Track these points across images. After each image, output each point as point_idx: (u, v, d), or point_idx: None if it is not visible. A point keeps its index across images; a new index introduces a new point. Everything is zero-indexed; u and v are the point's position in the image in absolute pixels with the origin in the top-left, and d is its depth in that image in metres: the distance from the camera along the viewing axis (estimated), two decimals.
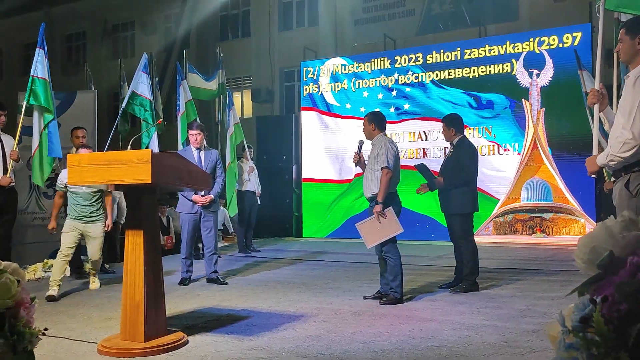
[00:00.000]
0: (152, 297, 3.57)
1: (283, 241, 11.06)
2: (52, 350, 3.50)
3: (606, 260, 1.05)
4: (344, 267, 7.23)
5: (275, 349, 3.44)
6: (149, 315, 3.51)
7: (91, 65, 12.35)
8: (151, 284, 3.57)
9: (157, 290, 3.64)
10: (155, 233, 3.84)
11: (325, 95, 11.73)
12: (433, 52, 10.80)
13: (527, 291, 5.15)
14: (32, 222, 7.97)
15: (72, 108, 8.42)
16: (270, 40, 16.84)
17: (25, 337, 1.57)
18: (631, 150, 2.86)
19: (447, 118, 5.58)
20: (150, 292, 3.55)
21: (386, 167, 4.73)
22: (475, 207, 5.35)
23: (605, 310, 0.96)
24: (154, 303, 3.58)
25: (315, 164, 11.71)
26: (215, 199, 6.05)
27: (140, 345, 3.40)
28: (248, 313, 4.45)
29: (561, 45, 9.58)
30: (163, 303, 3.72)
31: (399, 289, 4.75)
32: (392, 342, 3.51)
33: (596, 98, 3.30)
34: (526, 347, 3.31)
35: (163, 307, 3.71)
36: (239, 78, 17.56)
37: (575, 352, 0.99)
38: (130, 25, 19.90)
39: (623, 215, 1.11)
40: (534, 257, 7.60)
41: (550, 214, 9.54)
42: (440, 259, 7.71)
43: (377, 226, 4.69)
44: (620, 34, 3.14)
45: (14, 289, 1.56)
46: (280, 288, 5.67)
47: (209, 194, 5.90)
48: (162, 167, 3.45)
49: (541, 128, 9.68)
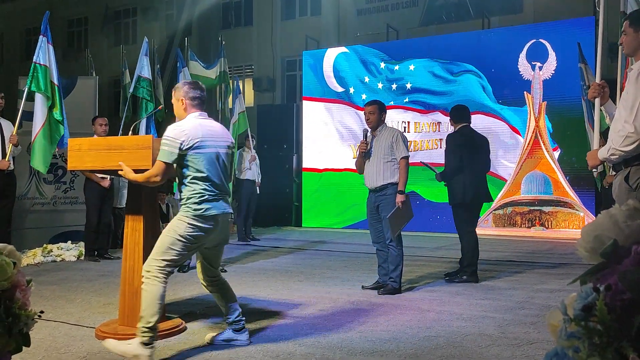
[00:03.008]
0: None
1: (282, 230, 11.07)
2: (50, 334, 3.50)
3: (610, 248, 1.04)
4: (343, 256, 7.23)
5: (272, 336, 3.44)
6: None
7: (92, 51, 12.29)
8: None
9: None
10: (155, 219, 3.83)
11: (327, 83, 11.67)
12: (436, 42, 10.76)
13: (525, 283, 5.15)
14: (32, 207, 7.96)
15: (73, 94, 8.39)
16: (273, 29, 16.76)
17: (21, 320, 1.56)
18: (633, 144, 2.84)
19: (450, 110, 5.61)
20: None
21: (406, 157, 4.76)
22: (466, 198, 5.26)
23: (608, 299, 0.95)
24: None
25: (315, 154, 11.69)
26: None
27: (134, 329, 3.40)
28: (246, 301, 4.45)
29: (564, 38, 9.53)
30: None
31: (398, 279, 4.75)
32: (390, 332, 3.51)
33: (597, 92, 3.28)
34: (523, 339, 3.32)
35: None
36: (241, 66, 17.48)
37: (577, 341, 0.97)
38: (132, 12, 19.80)
39: (628, 204, 1.09)
40: (532, 250, 7.60)
41: (549, 207, 9.54)
42: (439, 250, 7.72)
43: (400, 215, 4.71)
44: (624, 26, 3.10)
45: (10, 271, 1.55)
46: (279, 277, 5.67)
47: None
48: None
49: (542, 121, 9.65)
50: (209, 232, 3.09)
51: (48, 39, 6.42)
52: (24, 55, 20.54)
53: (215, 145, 3.16)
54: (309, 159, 11.78)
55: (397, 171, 4.75)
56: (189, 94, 3.21)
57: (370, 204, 4.93)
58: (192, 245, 3.06)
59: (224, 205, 3.17)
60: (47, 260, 6.74)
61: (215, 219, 3.09)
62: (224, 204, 3.17)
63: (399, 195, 4.70)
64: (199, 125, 3.14)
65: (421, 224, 9.57)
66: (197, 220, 3.04)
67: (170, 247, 3.01)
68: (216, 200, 3.12)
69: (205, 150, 3.10)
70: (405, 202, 4.72)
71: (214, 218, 3.09)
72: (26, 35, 21.31)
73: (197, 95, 3.23)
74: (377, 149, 4.85)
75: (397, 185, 4.73)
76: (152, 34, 14.64)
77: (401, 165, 4.76)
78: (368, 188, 4.93)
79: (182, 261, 3.17)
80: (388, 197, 4.75)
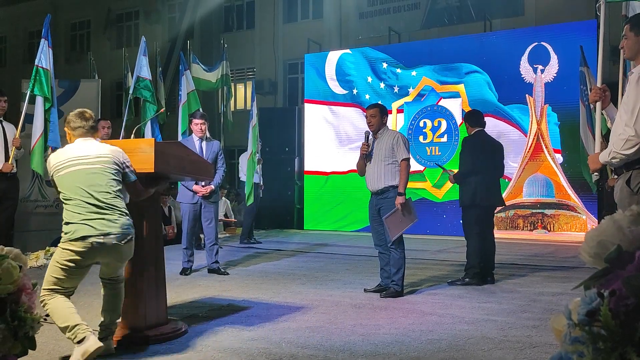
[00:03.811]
0: (154, 286, 3.58)
1: (284, 233, 11.07)
2: (53, 337, 3.50)
3: (614, 254, 1.04)
4: (345, 259, 7.23)
5: (275, 339, 3.44)
6: (150, 303, 3.52)
7: (95, 54, 12.32)
8: (153, 272, 3.58)
9: (158, 279, 3.65)
10: (157, 222, 3.84)
11: (329, 86, 11.67)
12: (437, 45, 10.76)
13: (528, 287, 5.15)
14: (35, 209, 7.98)
15: (75, 97, 8.41)
16: (275, 32, 16.79)
17: (27, 323, 1.57)
18: (634, 147, 2.84)
19: (465, 114, 5.68)
20: (151, 281, 3.56)
21: (407, 159, 4.78)
22: (484, 200, 5.31)
23: (612, 305, 0.95)
24: (155, 292, 3.59)
25: (317, 157, 11.69)
26: (216, 189, 6.05)
27: (140, 333, 3.41)
28: (248, 304, 4.46)
29: (566, 41, 9.53)
30: (164, 292, 3.73)
31: (400, 282, 4.75)
32: (392, 335, 3.51)
33: (598, 95, 3.28)
34: (526, 342, 3.31)
35: (164, 296, 3.72)
36: (243, 69, 17.52)
37: (581, 346, 0.98)
38: (134, 15, 19.86)
39: (631, 210, 1.10)
40: (534, 253, 7.59)
41: (552, 210, 9.53)
42: (441, 253, 7.71)
43: (399, 217, 4.71)
44: (625, 30, 3.11)
45: (16, 275, 1.56)
46: (281, 279, 5.67)
47: (209, 185, 5.89)
48: (165, 156, 3.45)
49: (544, 124, 9.65)
50: (86, 255, 3.01)
51: (49, 42, 6.45)
52: (27, 58, 20.59)
53: (80, 163, 3.12)
54: (311, 161, 11.79)
55: (398, 173, 4.77)
56: (69, 124, 3.29)
57: (372, 206, 4.94)
58: (71, 269, 3.02)
59: (102, 225, 3.03)
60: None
61: (86, 241, 2.98)
62: (103, 223, 3.04)
63: (398, 197, 4.71)
64: (67, 150, 3.21)
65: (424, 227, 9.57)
66: (68, 244, 3.00)
67: (51, 275, 3.02)
68: (91, 221, 3.02)
69: (66, 171, 3.10)
70: (406, 204, 4.72)
71: (84, 240, 2.98)
72: (29, 38, 21.37)
73: (79, 125, 3.27)
74: (378, 151, 4.86)
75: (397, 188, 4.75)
76: (155, 37, 14.69)
77: (402, 167, 4.77)
78: (370, 191, 4.95)
79: (72, 284, 3.09)
80: (389, 200, 4.75)
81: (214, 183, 5.93)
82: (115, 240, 3.05)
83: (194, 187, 5.89)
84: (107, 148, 3.24)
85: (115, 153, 3.23)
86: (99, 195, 3.08)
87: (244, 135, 10.19)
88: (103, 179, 3.12)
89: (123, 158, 3.24)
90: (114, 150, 3.24)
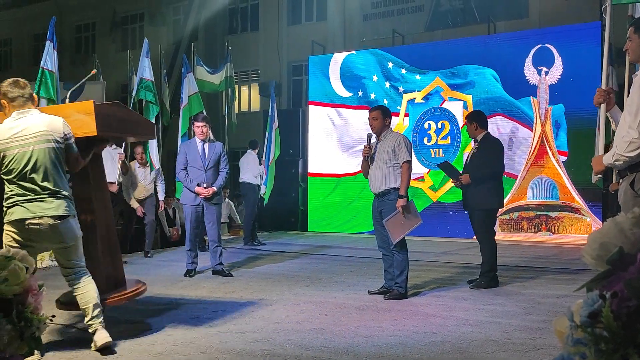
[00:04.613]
0: (107, 251, 3.69)
1: (288, 235, 11.08)
2: (58, 338, 3.52)
3: (616, 256, 1.05)
4: (349, 261, 7.24)
5: (278, 341, 3.45)
6: (106, 267, 3.66)
7: (100, 56, 12.37)
8: (105, 237, 3.68)
9: (111, 243, 3.76)
10: (103, 186, 3.85)
11: (333, 88, 11.67)
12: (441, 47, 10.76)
13: (532, 289, 5.14)
14: None
15: (80, 99, 8.43)
16: (279, 34, 16.83)
17: (33, 324, 1.58)
18: (637, 149, 2.84)
19: (469, 115, 5.63)
20: (104, 246, 3.66)
21: (408, 161, 4.77)
22: (500, 203, 5.37)
23: (614, 306, 0.96)
24: (110, 256, 3.72)
25: (321, 159, 11.70)
26: (219, 191, 6.05)
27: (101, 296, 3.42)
28: (252, 306, 4.47)
29: (571, 43, 9.52)
30: (119, 255, 3.88)
31: (404, 284, 4.75)
32: (396, 337, 3.51)
33: (602, 97, 3.28)
34: (530, 345, 3.31)
35: (119, 258, 3.87)
36: (247, 71, 17.56)
37: (583, 347, 0.98)
38: (139, 17, 19.94)
39: (634, 212, 1.11)
40: (539, 255, 7.58)
41: (556, 212, 9.51)
42: (445, 255, 7.71)
43: (401, 220, 4.70)
44: (629, 33, 3.10)
45: (23, 276, 1.58)
46: (285, 281, 5.68)
47: (212, 186, 5.90)
48: (106, 118, 3.46)
49: (548, 126, 9.63)
50: (24, 237, 3.02)
51: (54, 44, 6.49)
52: (32, 60, 20.69)
53: (23, 145, 3.05)
54: (315, 163, 11.80)
55: (400, 176, 4.77)
56: (7, 95, 3.15)
57: (375, 208, 4.95)
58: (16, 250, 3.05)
59: (38, 208, 3.03)
60: (54, 264, 6.77)
61: (22, 223, 2.99)
62: (39, 205, 3.03)
63: (399, 200, 4.71)
64: (8, 126, 3.09)
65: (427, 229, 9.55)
66: (7, 226, 3.00)
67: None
68: (27, 203, 3.01)
69: (10, 152, 3.05)
70: (408, 206, 4.71)
71: (20, 222, 2.98)
72: (35, 40, 21.47)
73: (18, 95, 3.14)
74: (380, 153, 4.86)
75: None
76: (159, 39, 14.75)
77: (403, 169, 4.77)
78: (372, 193, 4.95)
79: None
80: (390, 202, 4.76)
81: (217, 185, 5.94)
82: (51, 221, 3.05)
83: (196, 189, 5.89)
84: (48, 120, 3.17)
85: (56, 126, 3.17)
86: (37, 177, 3.06)
87: (247, 137, 10.23)
88: (43, 159, 3.08)
89: (65, 129, 3.19)
90: (56, 122, 3.18)
